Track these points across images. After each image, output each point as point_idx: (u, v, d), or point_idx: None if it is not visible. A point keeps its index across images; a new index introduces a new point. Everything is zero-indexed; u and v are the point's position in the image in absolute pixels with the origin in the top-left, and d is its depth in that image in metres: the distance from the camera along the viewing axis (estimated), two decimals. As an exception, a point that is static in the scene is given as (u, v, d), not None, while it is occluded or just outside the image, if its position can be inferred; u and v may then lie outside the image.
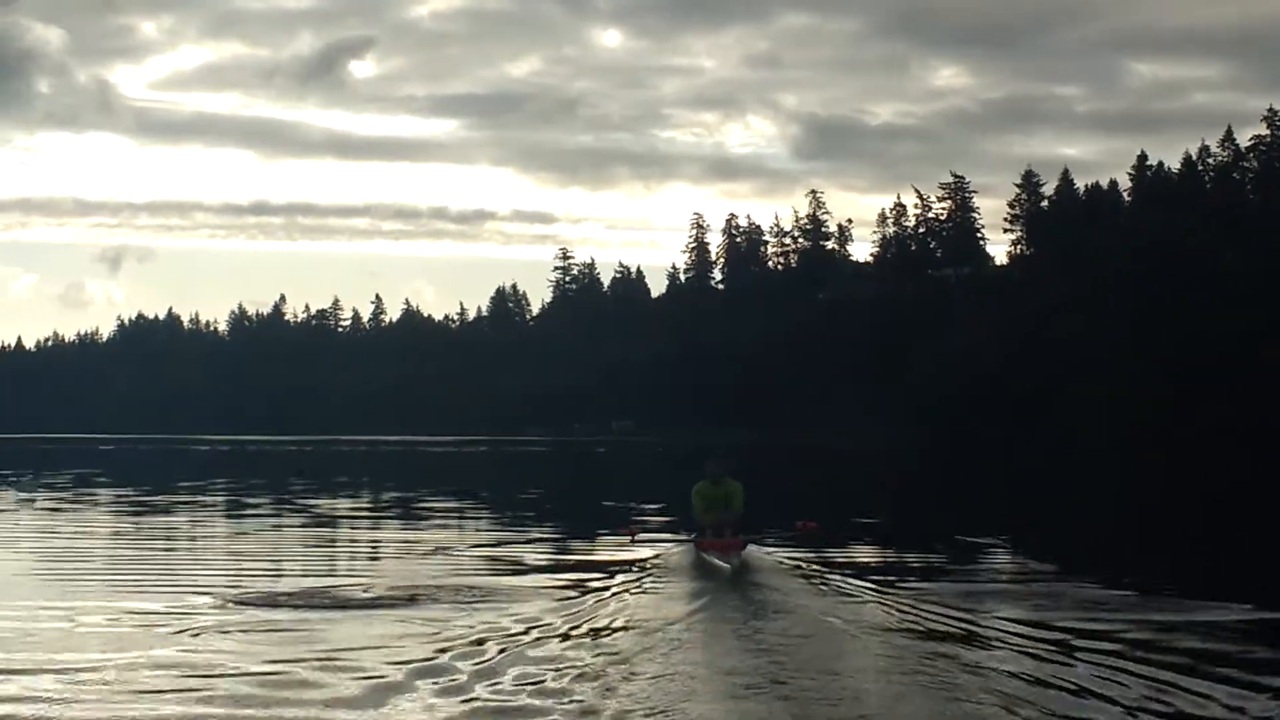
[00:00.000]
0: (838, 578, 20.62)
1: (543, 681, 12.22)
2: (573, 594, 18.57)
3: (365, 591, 18.60)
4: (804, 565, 22.10)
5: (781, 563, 22.07)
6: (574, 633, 14.95)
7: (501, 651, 13.65)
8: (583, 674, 12.53)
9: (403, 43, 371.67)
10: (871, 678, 12.47)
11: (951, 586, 19.50)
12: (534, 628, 15.17)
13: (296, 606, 17.29)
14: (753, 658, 13.22)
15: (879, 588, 19.41)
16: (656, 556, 22.61)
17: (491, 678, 12.45)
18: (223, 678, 12.59)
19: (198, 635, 15.07)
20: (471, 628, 15.27)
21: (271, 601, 17.72)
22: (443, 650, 13.81)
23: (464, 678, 12.52)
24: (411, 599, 17.78)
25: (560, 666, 12.87)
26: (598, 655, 13.44)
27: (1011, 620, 15.80)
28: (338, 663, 13.27)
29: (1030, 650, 13.79)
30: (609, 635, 14.75)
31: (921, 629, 15.25)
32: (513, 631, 14.96)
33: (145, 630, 15.47)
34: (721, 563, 20.36)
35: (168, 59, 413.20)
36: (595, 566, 22.56)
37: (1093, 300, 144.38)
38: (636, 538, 24.75)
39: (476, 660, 13.21)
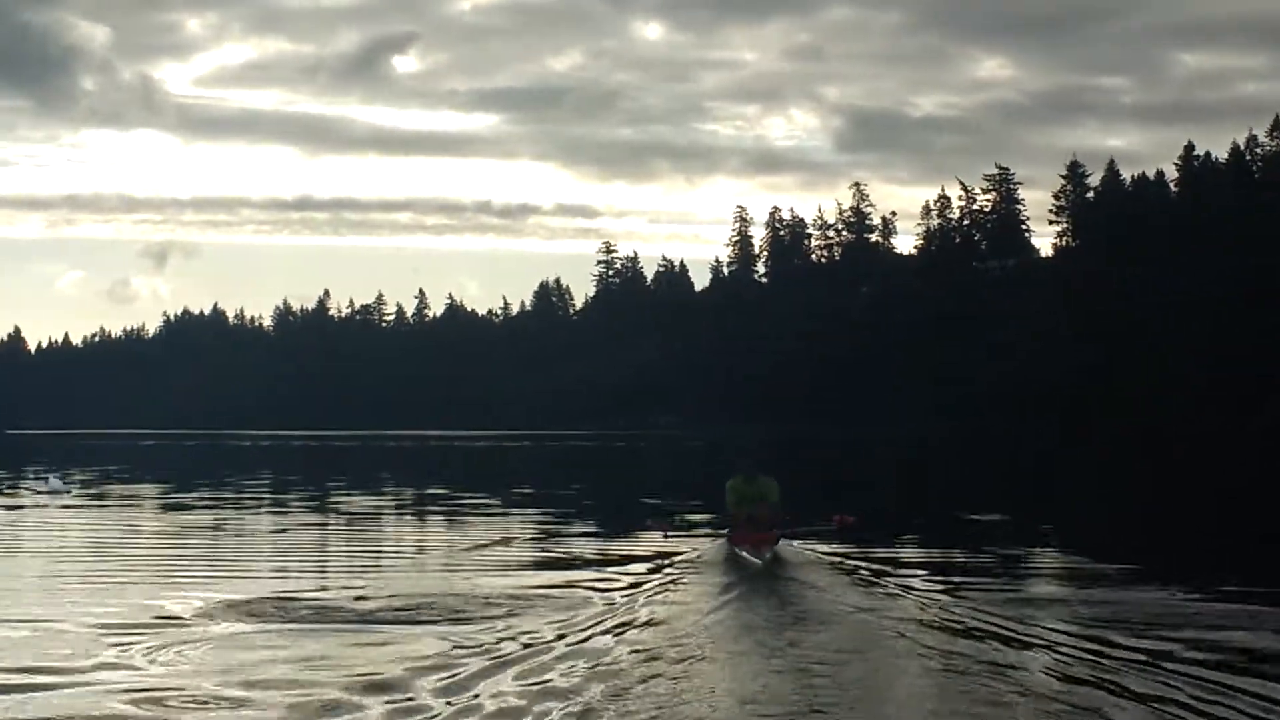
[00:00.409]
0: (868, 572, 20.41)
1: (530, 704, 11.45)
2: (594, 593, 18.34)
3: (364, 600, 17.61)
4: (839, 559, 21.89)
5: (816, 557, 21.86)
6: (585, 638, 14.47)
7: (494, 665, 13.02)
8: (577, 690, 11.89)
9: (445, 37, 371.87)
10: (906, 685, 12.22)
11: (1000, 590, 19.01)
12: (531, 637, 14.49)
13: (283, 618, 16.10)
14: (770, 669, 12.82)
15: (919, 584, 19.18)
16: (688, 553, 22.43)
17: (459, 693, 11.89)
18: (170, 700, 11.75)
19: (159, 650, 13.96)
20: (461, 641, 14.34)
21: (260, 611, 16.53)
22: (429, 662, 13.31)
23: (444, 690, 12.05)
24: (421, 607, 16.87)
25: (555, 683, 12.20)
26: (600, 669, 12.76)
27: (1055, 628, 15.08)
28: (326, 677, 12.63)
29: (1092, 661, 13.11)
30: (621, 643, 14.15)
31: (960, 628, 14.93)
32: (507, 643, 14.23)
33: (107, 641, 14.42)
34: (753, 558, 20.18)
35: (212, 55, 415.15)
36: (623, 563, 22.41)
37: (1140, 291, 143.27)
38: (669, 534, 24.56)
39: (442, 677, 12.55)
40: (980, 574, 20.92)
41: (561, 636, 14.48)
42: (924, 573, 20.79)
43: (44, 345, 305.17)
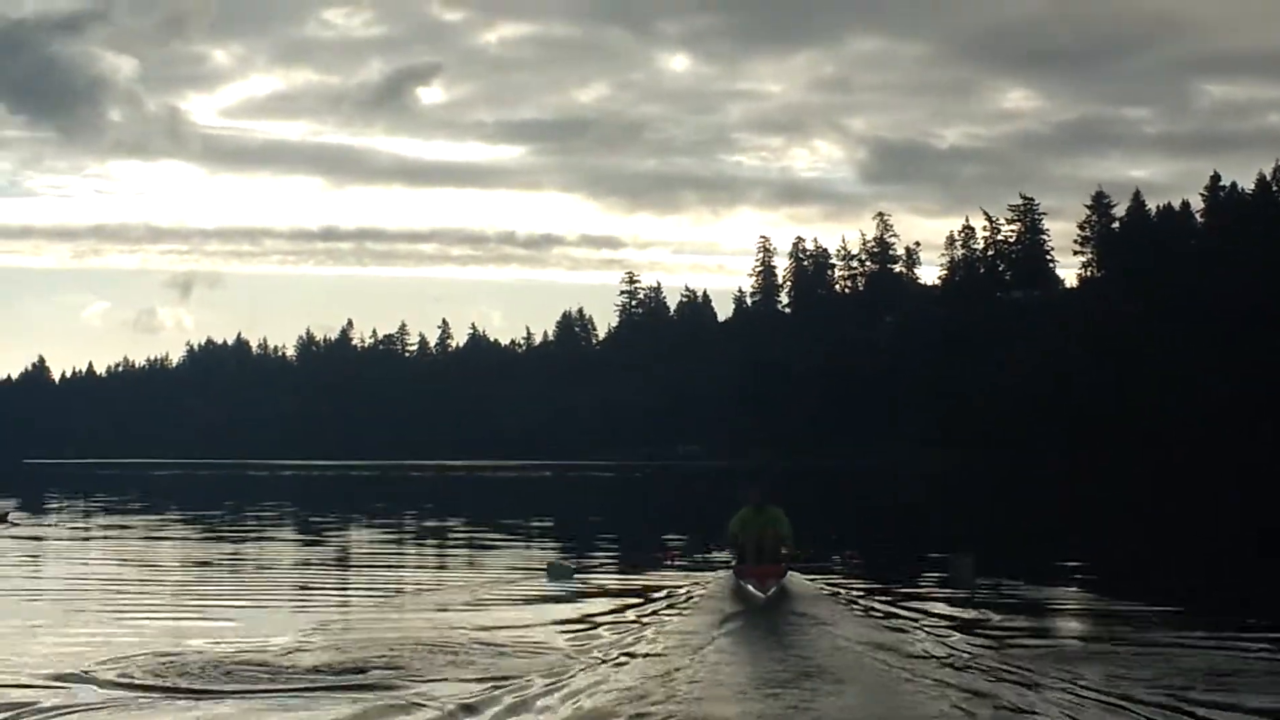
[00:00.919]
0: (879, 605, 19.79)
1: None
2: (584, 627, 17.75)
3: (294, 655, 15.17)
4: (846, 594, 21.28)
5: (822, 590, 21.31)
6: (567, 677, 13.76)
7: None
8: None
9: (470, 69, 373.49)
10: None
11: (1017, 629, 18.13)
12: (509, 681, 13.63)
13: (175, 677, 13.60)
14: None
15: (931, 618, 18.52)
16: (690, 586, 21.88)
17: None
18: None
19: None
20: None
21: (151, 668, 14.12)
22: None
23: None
24: (357, 663, 14.62)
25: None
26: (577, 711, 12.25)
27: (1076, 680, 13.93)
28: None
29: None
30: (600, 684, 13.43)
31: (974, 669, 14.20)
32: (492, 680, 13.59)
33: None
34: (757, 591, 19.59)
35: (239, 87, 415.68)
36: (621, 595, 21.68)
37: (1166, 321, 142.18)
38: (672, 565, 24.14)
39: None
40: (1000, 611, 19.95)
41: (543, 675, 13.82)
42: (937, 607, 20.02)
43: (68, 375, 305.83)
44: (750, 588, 19.84)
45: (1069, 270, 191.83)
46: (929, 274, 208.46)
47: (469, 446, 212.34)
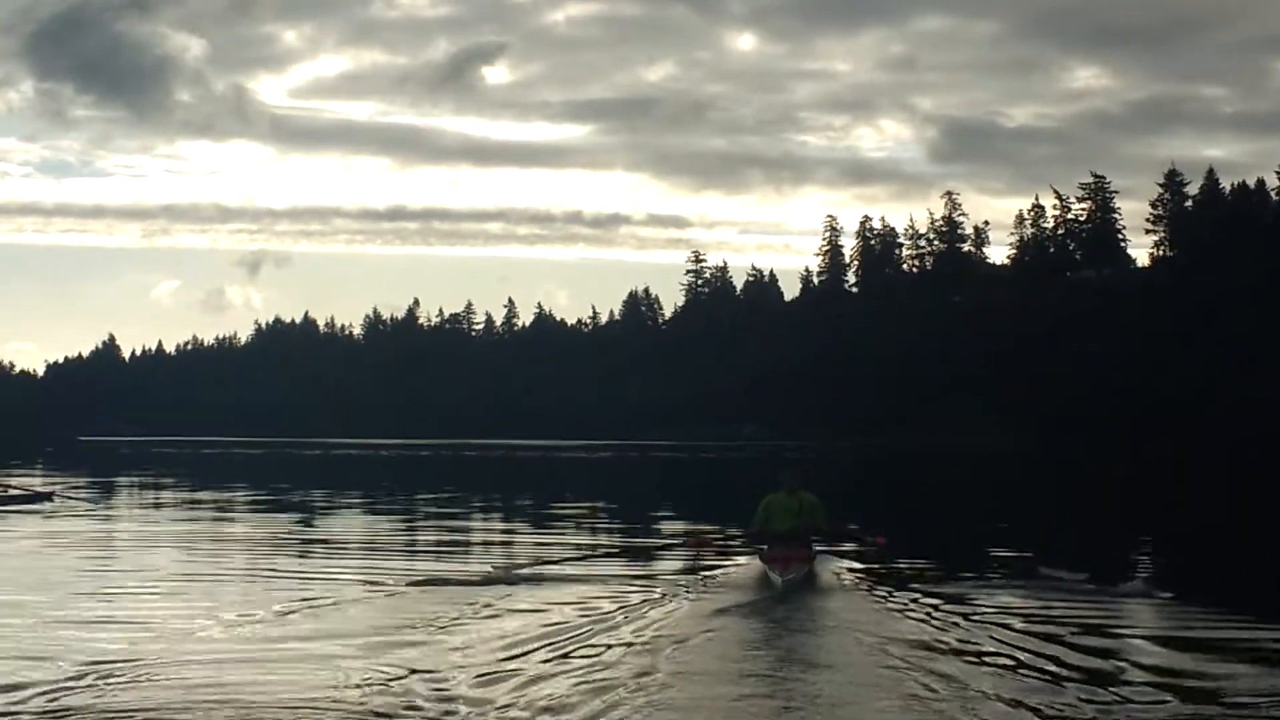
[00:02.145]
0: (909, 596, 18.63)
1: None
2: (583, 614, 17.00)
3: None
4: (875, 581, 20.28)
5: (846, 580, 20.43)
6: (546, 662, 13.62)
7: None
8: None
9: (537, 48, 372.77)
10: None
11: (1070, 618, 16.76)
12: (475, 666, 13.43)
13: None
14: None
15: (967, 610, 17.36)
16: (708, 571, 21.27)
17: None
18: None
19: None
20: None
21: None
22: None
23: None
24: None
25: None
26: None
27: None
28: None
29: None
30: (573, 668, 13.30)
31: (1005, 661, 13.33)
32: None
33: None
34: (777, 578, 18.69)
35: (308, 67, 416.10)
36: (634, 581, 20.66)
37: (1240, 300, 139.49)
38: (702, 550, 23.41)
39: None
40: (1053, 605, 18.41)
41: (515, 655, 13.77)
42: (984, 599, 18.68)
43: (137, 353, 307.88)
44: (775, 574, 18.94)
45: (1140, 250, 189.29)
46: (998, 254, 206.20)
47: (533, 425, 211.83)
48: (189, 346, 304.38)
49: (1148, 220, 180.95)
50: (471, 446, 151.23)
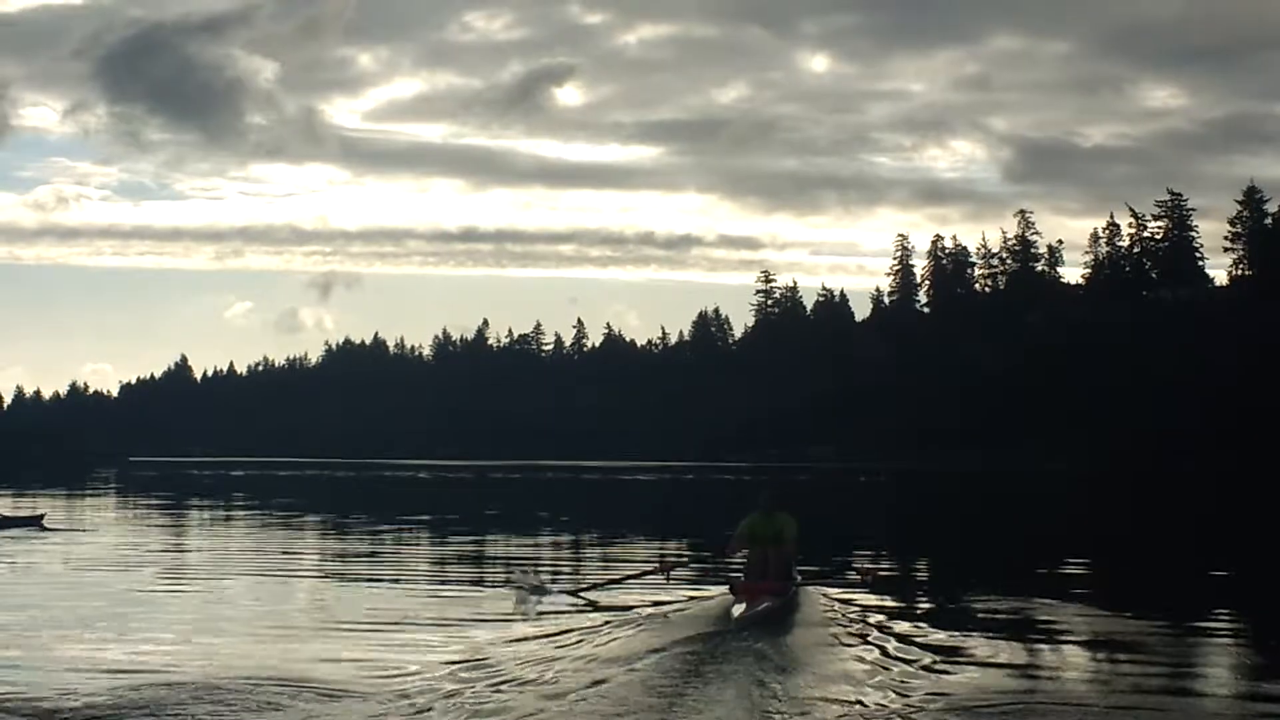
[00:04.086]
0: (879, 634, 16.71)
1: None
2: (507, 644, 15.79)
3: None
4: (860, 617, 18.25)
5: (825, 616, 18.33)
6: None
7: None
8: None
9: (609, 70, 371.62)
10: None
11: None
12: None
13: None
14: None
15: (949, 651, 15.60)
16: (670, 604, 19.37)
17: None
18: None
19: None
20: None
21: None
22: None
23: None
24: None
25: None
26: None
27: None
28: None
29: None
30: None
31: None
32: None
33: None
34: (738, 610, 17.07)
35: (380, 91, 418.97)
36: (585, 613, 18.93)
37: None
38: (670, 576, 21.89)
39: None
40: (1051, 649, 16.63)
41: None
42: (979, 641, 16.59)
43: (209, 374, 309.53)
44: (737, 606, 17.25)
45: (1218, 270, 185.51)
46: (1072, 275, 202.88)
47: (601, 447, 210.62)
48: (259, 368, 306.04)
49: (1225, 239, 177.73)
50: (541, 468, 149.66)
